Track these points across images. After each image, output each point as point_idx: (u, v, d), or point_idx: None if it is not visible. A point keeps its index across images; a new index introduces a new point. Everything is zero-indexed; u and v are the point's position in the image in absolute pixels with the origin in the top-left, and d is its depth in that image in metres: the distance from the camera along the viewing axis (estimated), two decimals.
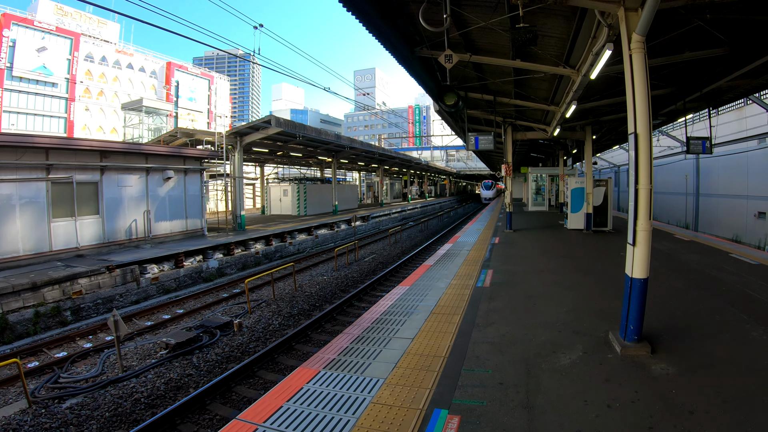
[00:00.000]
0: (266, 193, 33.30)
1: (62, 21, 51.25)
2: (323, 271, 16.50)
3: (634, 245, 4.60)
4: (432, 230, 28.39)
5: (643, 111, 4.49)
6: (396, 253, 19.70)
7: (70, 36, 49.48)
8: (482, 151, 26.82)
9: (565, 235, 14.85)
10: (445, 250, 12.03)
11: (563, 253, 10.93)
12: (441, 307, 6.51)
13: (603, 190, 15.95)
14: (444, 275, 8.72)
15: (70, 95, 49.56)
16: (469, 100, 13.02)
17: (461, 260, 10.21)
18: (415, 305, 6.68)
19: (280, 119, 20.09)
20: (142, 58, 59.38)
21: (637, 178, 4.50)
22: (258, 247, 19.73)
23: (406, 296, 7.28)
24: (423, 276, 8.82)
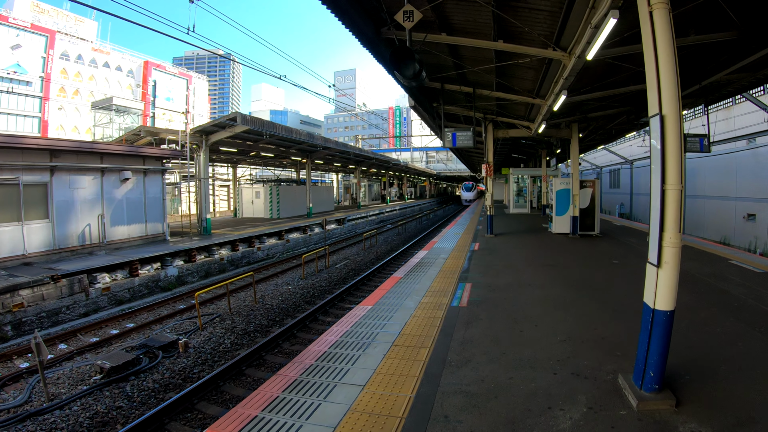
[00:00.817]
0: (238, 195, 31.66)
1: (38, 18, 49.78)
2: (290, 279, 15.12)
3: (658, 266, 3.38)
4: (409, 233, 27.21)
5: (670, 84, 3.31)
6: (370, 259, 18.41)
7: (45, 33, 47.97)
8: (460, 148, 25.82)
9: (550, 240, 13.79)
10: (419, 258, 10.78)
11: (550, 262, 9.80)
12: (406, 336, 5.22)
13: (590, 192, 14.97)
14: (414, 290, 7.46)
15: (44, 94, 48.01)
16: (446, 93, 11.84)
17: (436, 271, 8.96)
18: (375, 332, 5.39)
19: (246, 116, 18.65)
20: (119, 57, 58.08)
21: (664, 176, 3.30)
22: (223, 252, 18.26)
23: (366, 319, 5.98)
24: (390, 291, 7.55)
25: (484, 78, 9.98)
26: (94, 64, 53.82)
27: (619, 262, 9.96)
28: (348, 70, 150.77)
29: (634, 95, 11.89)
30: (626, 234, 15.72)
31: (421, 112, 13.84)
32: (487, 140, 13.97)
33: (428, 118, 14.06)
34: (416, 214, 42.13)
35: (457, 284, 7.63)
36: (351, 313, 6.30)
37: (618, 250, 11.69)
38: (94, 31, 57.43)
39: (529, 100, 10.32)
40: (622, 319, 5.60)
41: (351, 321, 5.91)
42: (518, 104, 11.90)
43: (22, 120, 46.45)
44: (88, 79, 53.16)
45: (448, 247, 12.16)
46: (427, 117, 14.03)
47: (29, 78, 46.50)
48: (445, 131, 11.17)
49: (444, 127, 11.16)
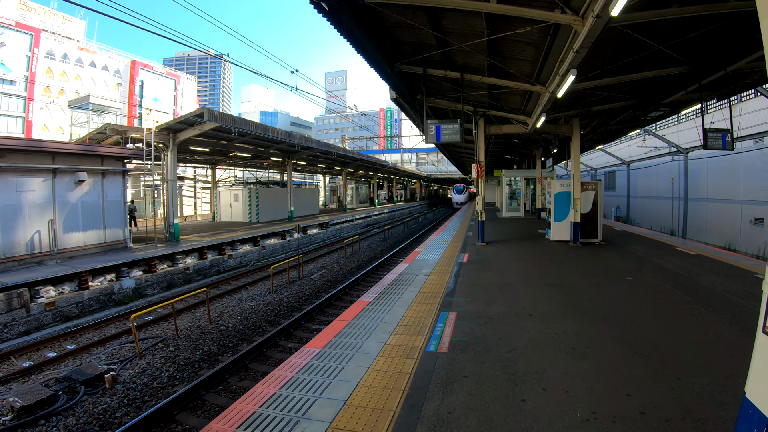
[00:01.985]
0: (216, 198, 29.85)
1: (24, 16, 48.40)
2: (256, 293, 13.41)
3: None
4: (396, 238, 25.54)
5: None
6: (350, 269, 16.72)
7: (30, 32, 46.64)
8: (447, 145, 24.08)
9: (548, 249, 12.18)
10: (398, 272, 9.08)
11: (553, 279, 8.15)
12: (353, 411, 3.48)
13: (592, 195, 13.42)
14: (382, 323, 5.74)
15: (28, 94, 46.57)
16: (429, 81, 10.20)
17: (414, 292, 7.25)
18: (308, 407, 3.65)
19: (214, 112, 16.90)
20: (106, 56, 56.66)
21: None
22: (189, 261, 16.54)
23: (306, 374, 4.24)
24: (352, 324, 5.83)
25: (474, 60, 8.36)
26: (80, 64, 52.64)
27: (633, 279, 8.35)
28: (339, 72, 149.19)
29: (644, 85, 10.38)
30: (631, 241, 14.18)
31: (403, 106, 12.19)
32: (478, 137, 12.36)
33: (411, 112, 12.41)
34: (405, 217, 40.50)
35: (438, 314, 5.94)
36: (289, 362, 4.58)
37: (628, 263, 10.09)
38: (82, 30, 56.17)
39: (527, 87, 8.69)
40: (661, 376, 3.97)
41: (285, 376, 4.20)
42: (514, 94, 10.29)
43: (5, 120, 45.07)
44: (74, 78, 51.90)
45: (433, 259, 10.48)
46: (409, 110, 12.39)
47: (13, 77, 45.15)
48: (428, 124, 9.51)
49: (426, 119, 9.50)
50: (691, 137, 23.09)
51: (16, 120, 45.82)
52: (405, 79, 9.52)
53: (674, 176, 24.85)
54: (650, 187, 28.21)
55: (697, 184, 22.69)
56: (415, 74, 9.36)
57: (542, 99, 8.67)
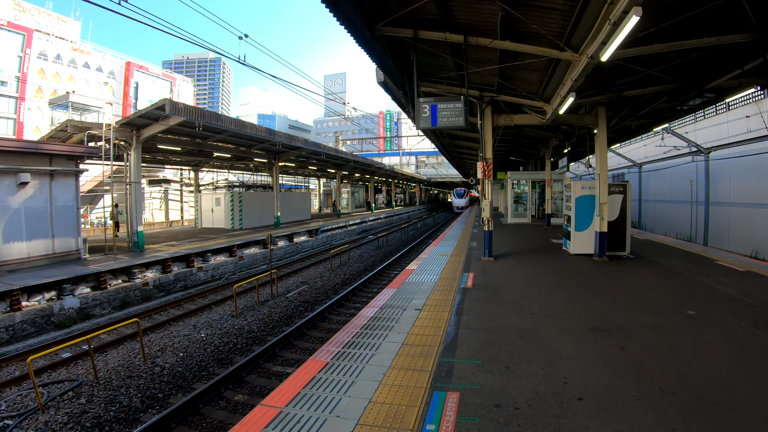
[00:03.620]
0: (197, 203, 27.63)
1: (19, 17, 47.63)
2: (216, 317, 11.21)
3: None
4: (391, 247, 23.24)
5: None
6: (334, 285, 14.46)
7: (22, 32, 45.68)
8: (447, 144, 21.67)
9: (571, 266, 9.90)
10: (379, 306, 6.72)
11: (593, 318, 5.84)
12: None
13: (620, 199, 11.20)
14: (339, 411, 3.50)
15: (20, 95, 45.60)
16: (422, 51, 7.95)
17: (395, 346, 4.86)
18: None
19: (178, 104, 14.69)
20: (100, 57, 55.62)
21: None
22: (149, 275, 14.36)
23: None
24: (281, 419, 3.56)
25: (483, 13, 6.13)
26: (74, 65, 51.68)
27: (696, 314, 6.11)
28: (338, 74, 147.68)
29: (690, 63, 8.20)
30: (661, 253, 11.96)
31: (392, 90, 9.97)
32: (485, 129, 10.13)
33: (401, 97, 10.13)
34: (402, 223, 38.25)
35: (429, 396, 3.66)
36: None
37: (674, 286, 7.85)
38: (77, 31, 55.46)
39: (553, 54, 6.44)
40: None
41: None
42: (532, 69, 8.05)
43: None
44: (67, 79, 50.87)
45: (428, 282, 8.20)
46: (400, 96, 10.11)
47: (4, 78, 44.38)
48: (421, 103, 7.28)
49: (417, 97, 7.26)
50: (711, 135, 21.09)
51: (7, 121, 44.81)
52: (391, 48, 7.29)
53: (693, 178, 22.80)
54: (664, 190, 26.13)
55: (718, 186, 20.69)
56: (403, 41, 7.15)
57: (574, 71, 6.44)
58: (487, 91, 9.53)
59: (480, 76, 8.99)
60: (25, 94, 45.59)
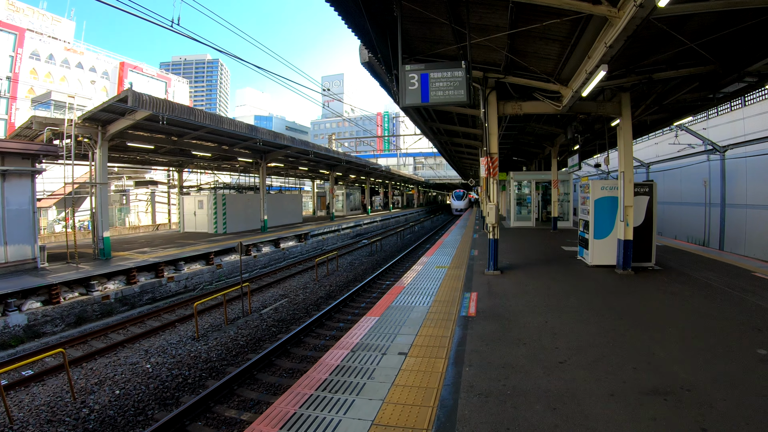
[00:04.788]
0: (179, 205, 25.97)
1: (12, 16, 46.99)
2: (175, 339, 9.63)
3: None
4: (386, 253, 21.55)
5: None
6: (316, 299, 12.80)
7: (14, 31, 45.00)
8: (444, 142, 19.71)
9: (593, 282, 8.25)
10: (350, 347, 4.95)
11: (644, 370, 4.15)
12: None
13: (645, 202, 9.59)
14: None
15: (11, 95, 44.75)
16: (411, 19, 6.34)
17: (362, 427, 3.27)
18: None
19: (142, 96, 13.02)
20: (94, 57, 54.83)
21: None
22: (111, 287, 12.78)
23: None
24: None
25: None
26: (67, 65, 51.01)
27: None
28: (336, 75, 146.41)
29: (739, 36, 6.62)
30: (688, 263, 10.38)
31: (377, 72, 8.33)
32: (490, 119, 8.51)
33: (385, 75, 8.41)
34: (399, 226, 36.58)
35: None
36: None
37: (722, 309, 6.27)
38: (71, 31, 54.55)
39: (584, 9, 4.76)
40: None
41: None
42: (549, 41, 6.40)
43: None
44: (60, 80, 50.18)
45: (420, 307, 6.51)
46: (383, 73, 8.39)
47: None
48: (407, 72, 5.63)
49: (402, 64, 5.62)
50: (726, 133, 19.63)
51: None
52: (368, 6, 5.64)
53: (707, 179, 21.31)
54: (674, 191, 24.65)
55: (734, 187, 19.27)
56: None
57: (609, 32, 4.83)
58: (493, 72, 7.90)
59: (484, 52, 7.37)
60: (16, 93, 44.42)
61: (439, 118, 15.41)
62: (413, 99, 5.68)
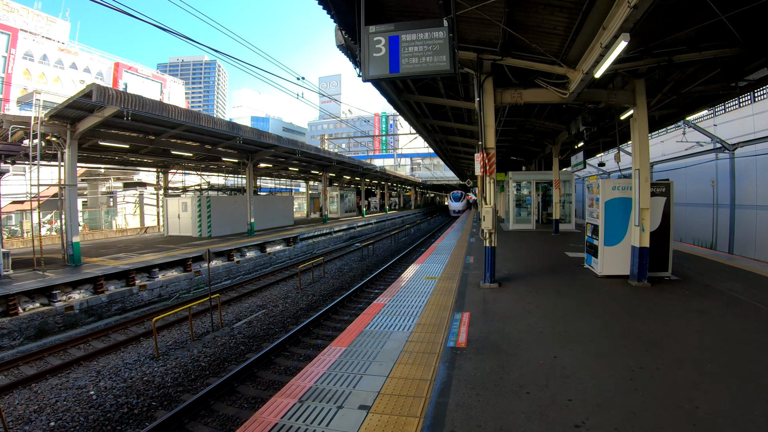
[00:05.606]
0: (164, 208, 24.80)
1: (7, 17, 46.80)
2: (134, 356, 8.54)
3: None
4: (378, 257, 20.37)
5: None
6: (300, 308, 11.67)
7: (7, 31, 44.73)
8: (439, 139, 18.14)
9: (607, 297, 7.10)
10: (296, 397, 3.81)
11: None
12: None
13: (662, 204, 8.46)
14: None
15: (4, 95, 44.45)
16: None
17: None
18: None
19: (109, 91, 11.90)
20: (88, 58, 54.46)
21: None
22: (76, 297, 11.67)
23: None
24: None
25: None
26: (60, 65, 50.60)
27: None
28: (333, 76, 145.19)
29: None
30: (707, 271, 9.29)
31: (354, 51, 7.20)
32: (485, 109, 7.39)
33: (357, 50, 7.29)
34: (394, 228, 35.43)
35: None
36: None
37: (764, 332, 5.14)
38: (66, 31, 54.42)
39: None
40: None
41: None
42: (555, 9, 5.27)
43: None
44: (54, 80, 49.86)
45: (399, 333, 5.29)
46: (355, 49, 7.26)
47: None
48: (372, 34, 4.46)
49: (365, 25, 4.45)
50: (735, 130, 18.57)
51: None
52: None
53: (714, 178, 20.24)
54: (679, 191, 23.54)
55: (744, 187, 18.27)
56: None
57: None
58: (488, 53, 6.78)
59: (477, 27, 6.24)
60: (9, 95, 43.64)
61: (432, 113, 14.30)
62: (379, 69, 4.52)
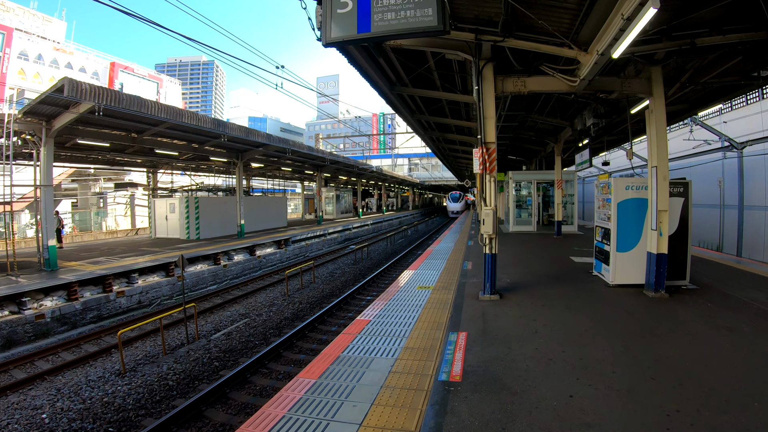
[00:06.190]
0: (151, 209, 23.93)
1: (2, 17, 46.25)
2: (99, 372, 7.75)
3: None
4: (373, 260, 19.48)
5: None
6: (284, 318, 10.81)
7: (2, 31, 44.29)
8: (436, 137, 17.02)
9: (623, 311, 6.25)
10: None
11: None
12: None
13: (679, 205, 7.65)
14: None
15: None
16: None
17: None
18: None
19: (82, 85, 11.03)
20: (84, 58, 53.65)
21: None
22: (48, 304, 10.96)
23: None
24: None
25: None
26: (56, 65, 49.66)
27: None
28: (331, 76, 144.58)
29: None
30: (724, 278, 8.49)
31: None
32: (485, 98, 6.56)
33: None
34: (391, 230, 34.59)
35: None
36: None
37: None
38: (63, 31, 53.55)
39: None
40: None
41: None
42: None
43: None
44: (48, 80, 47.82)
45: (379, 366, 4.32)
46: None
47: None
48: None
49: None
50: (743, 128, 17.84)
51: None
52: None
53: (720, 178, 19.51)
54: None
55: (752, 187, 17.63)
56: None
57: None
58: (488, 33, 5.94)
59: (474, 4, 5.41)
60: (4, 95, 41.13)
61: (428, 109, 13.47)
62: (345, 29, 3.64)
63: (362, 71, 8.73)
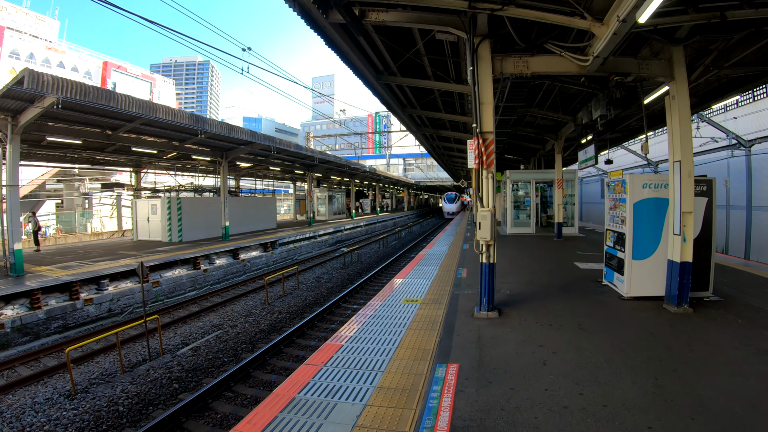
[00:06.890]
0: (133, 210, 22.84)
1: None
2: (48, 392, 6.77)
3: None
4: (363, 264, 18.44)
5: None
6: (260, 330, 9.78)
7: None
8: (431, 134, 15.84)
9: (645, 332, 5.27)
10: None
11: None
12: None
13: (703, 205, 6.70)
14: None
15: None
16: None
17: None
18: None
19: (44, 77, 10.01)
20: (76, 57, 52.75)
21: None
22: (8, 313, 10.14)
23: None
24: None
25: None
26: (48, 64, 48.20)
27: None
28: (326, 76, 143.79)
29: None
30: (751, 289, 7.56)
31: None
32: (481, 81, 5.59)
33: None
34: (385, 232, 33.58)
35: None
36: None
37: None
38: (56, 30, 53.01)
39: None
40: None
41: None
42: None
43: None
44: None
45: (342, 416, 3.37)
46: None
47: None
48: None
49: None
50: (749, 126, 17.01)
51: None
52: None
53: (727, 177, 18.66)
54: None
55: (761, 187, 16.88)
56: None
57: None
58: (484, 2, 4.99)
59: None
60: None
61: (420, 102, 12.50)
62: None
63: (343, 56, 7.75)
